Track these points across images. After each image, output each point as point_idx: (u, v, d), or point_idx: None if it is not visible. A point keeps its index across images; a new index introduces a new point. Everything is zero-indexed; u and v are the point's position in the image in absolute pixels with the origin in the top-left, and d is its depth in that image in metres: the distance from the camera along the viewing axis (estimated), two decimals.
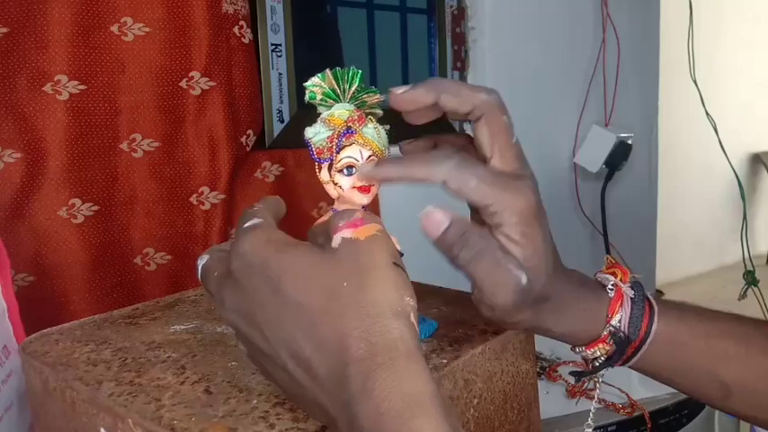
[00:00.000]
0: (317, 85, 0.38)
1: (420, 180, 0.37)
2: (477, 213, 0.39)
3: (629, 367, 0.44)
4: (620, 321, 0.41)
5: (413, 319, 0.30)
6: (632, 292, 0.43)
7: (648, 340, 0.42)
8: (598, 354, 0.43)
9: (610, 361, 0.43)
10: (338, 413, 0.29)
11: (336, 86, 0.38)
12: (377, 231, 0.31)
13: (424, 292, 0.55)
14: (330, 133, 0.38)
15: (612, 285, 0.43)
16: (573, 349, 0.44)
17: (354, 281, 0.29)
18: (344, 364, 0.28)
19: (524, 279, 0.36)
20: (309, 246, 0.32)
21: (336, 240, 0.31)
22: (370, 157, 0.39)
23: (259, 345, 0.32)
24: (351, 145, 0.38)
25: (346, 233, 0.31)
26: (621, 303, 0.42)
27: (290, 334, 0.30)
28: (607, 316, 0.42)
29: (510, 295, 0.36)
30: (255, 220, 0.34)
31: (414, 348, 0.28)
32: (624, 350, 0.42)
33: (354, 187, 0.39)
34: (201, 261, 0.38)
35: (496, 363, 0.44)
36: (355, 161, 0.38)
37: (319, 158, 0.38)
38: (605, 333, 0.42)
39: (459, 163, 0.36)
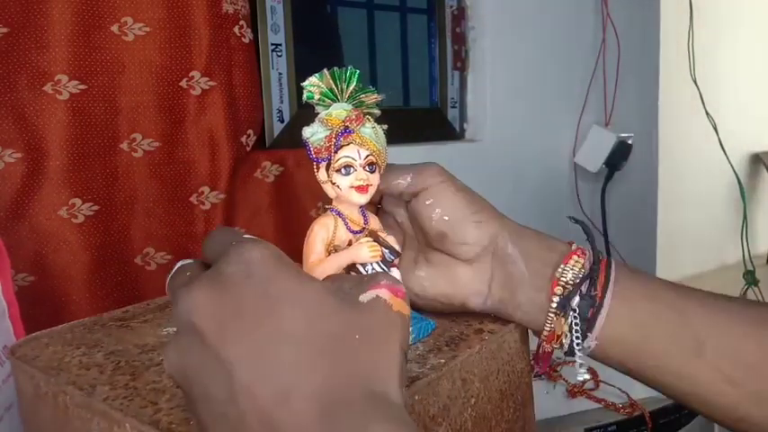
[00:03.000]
0: (314, 85, 0.39)
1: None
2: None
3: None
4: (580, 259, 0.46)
5: (405, 414, 0.27)
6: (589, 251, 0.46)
7: (612, 277, 0.45)
8: (569, 276, 0.45)
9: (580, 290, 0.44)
10: None
11: (334, 86, 0.39)
12: (408, 312, 0.29)
13: None
14: (328, 133, 0.38)
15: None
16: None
17: (370, 339, 0.27)
18: (335, 407, 0.25)
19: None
20: (326, 283, 0.30)
21: (369, 295, 0.28)
22: (367, 156, 0.39)
23: (210, 363, 0.26)
24: (348, 145, 0.38)
25: (384, 294, 0.28)
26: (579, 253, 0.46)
27: (269, 360, 0.25)
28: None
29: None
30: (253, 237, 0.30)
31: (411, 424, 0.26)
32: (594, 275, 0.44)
33: (352, 187, 0.39)
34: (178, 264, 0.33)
35: (493, 362, 0.44)
36: (353, 161, 0.38)
37: (317, 158, 0.38)
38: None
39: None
